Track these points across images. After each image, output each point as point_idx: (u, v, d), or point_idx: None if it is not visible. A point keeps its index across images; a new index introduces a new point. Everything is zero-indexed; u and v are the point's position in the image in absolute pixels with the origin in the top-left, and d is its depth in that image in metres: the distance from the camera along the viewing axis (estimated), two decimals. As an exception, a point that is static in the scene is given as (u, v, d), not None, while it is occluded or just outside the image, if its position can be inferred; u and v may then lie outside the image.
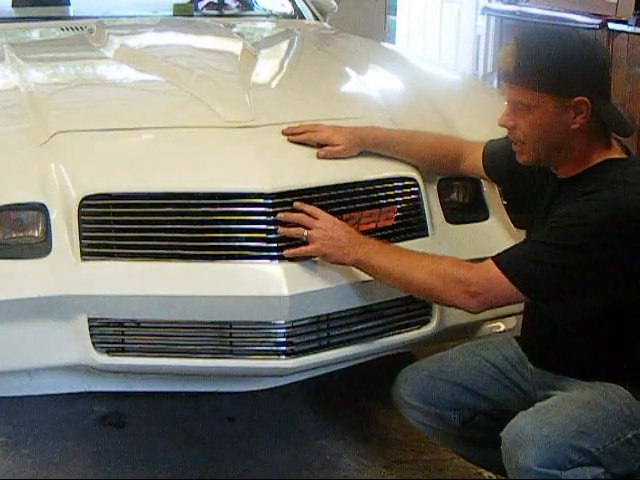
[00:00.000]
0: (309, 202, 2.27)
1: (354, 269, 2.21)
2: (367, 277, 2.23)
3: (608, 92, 1.98)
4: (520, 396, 2.17)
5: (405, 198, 2.42)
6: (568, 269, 1.90)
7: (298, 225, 2.21)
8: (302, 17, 4.23)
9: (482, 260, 2.06)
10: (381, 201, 2.38)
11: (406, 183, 2.43)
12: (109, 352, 2.27)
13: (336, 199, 2.31)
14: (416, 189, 2.43)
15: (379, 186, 2.39)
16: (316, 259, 2.22)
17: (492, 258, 2.00)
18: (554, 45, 1.94)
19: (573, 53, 1.92)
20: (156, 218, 2.25)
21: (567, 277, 1.92)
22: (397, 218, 2.39)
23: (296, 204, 2.23)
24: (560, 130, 1.95)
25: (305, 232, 2.19)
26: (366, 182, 2.38)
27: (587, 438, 1.85)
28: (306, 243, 2.19)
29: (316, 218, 2.20)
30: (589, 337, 2.04)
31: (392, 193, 2.41)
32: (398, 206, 2.40)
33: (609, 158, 1.98)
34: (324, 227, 2.19)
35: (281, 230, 2.21)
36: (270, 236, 2.23)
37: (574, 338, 2.06)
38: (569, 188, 1.99)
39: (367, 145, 2.43)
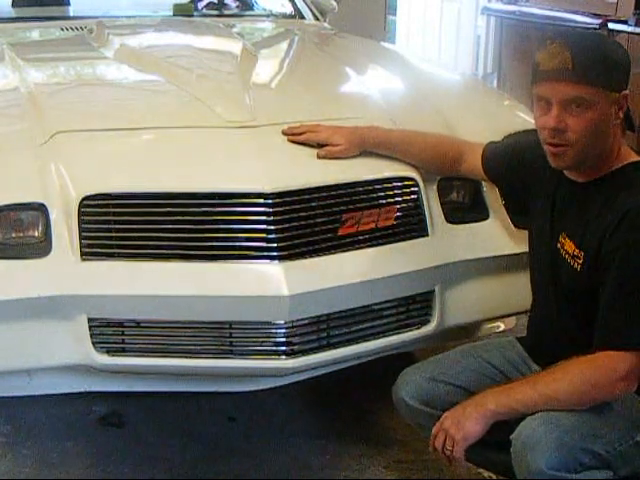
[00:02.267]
0: (309, 202, 2.28)
1: (355, 268, 2.21)
2: (368, 277, 2.23)
3: None
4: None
5: (405, 198, 2.42)
6: None
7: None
8: (302, 17, 4.23)
9: (484, 260, 2.03)
10: (381, 201, 2.38)
11: (406, 183, 2.43)
12: (109, 352, 2.27)
13: (336, 199, 2.31)
14: (416, 189, 2.43)
15: (379, 186, 2.39)
16: (316, 258, 2.23)
17: (607, 346, 1.90)
18: (598, 42, 1.96)
19: (614, 49, 1.95)
20: (156, 218, 2.25)
21: None
22: (397, 218, 2.39)
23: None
24: (608, 127, 1.94)
25: (448, 451, 2.02)
26: (366, 182, 2.38)
27: (598, 441, 1.86)
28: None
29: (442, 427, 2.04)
30: None
31: (392, 193, 2.41)
32: (398, 206, 2.40)
33: (631, 162, 1.97)
34: (450, 426, 2.00)
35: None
36: (270, 236, 2.23)
37: (582, 341, 2.04)
38: (593, 193, 1.98)
39: (367, 145, 2.43)
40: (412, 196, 2.43)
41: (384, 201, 2.39)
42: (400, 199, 2.41)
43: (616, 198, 1.92)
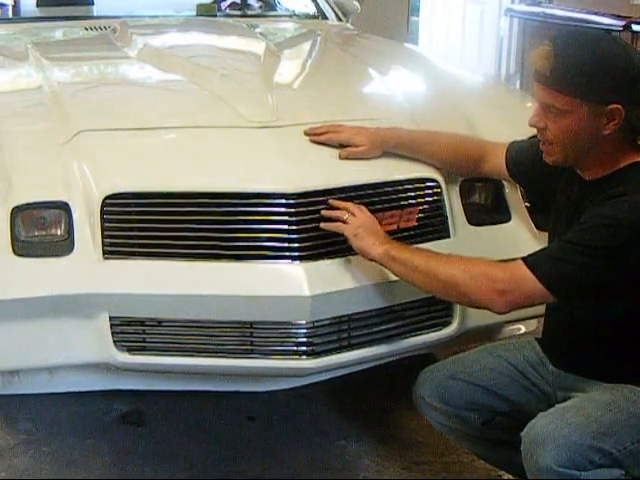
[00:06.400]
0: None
1: (376, 269, 2.21)
2: (389, 278, 2.23)
3: None
4: (540, 397, 2.16)
5: (427, 199, 2.42)
6: (596, 270, 1.89)
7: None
8: (325, 18, 4.24)
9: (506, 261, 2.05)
10: (403, 202, 2.37)
11: (428, 184, 2.42)
12: (130, 350, 2.27)
13: (358, 200, 2.30)
14: (438, 190, 2.42)
15: (401, 187, 2.39)
16: (338, 259, 2.23)
17: (522, 258, 1.98)
18: (591, 50, 1.91)
19: (609, 59, 1.89)
20: (178, 217, 2.25)
21: (594, 278, 1.90)
22: (419, 219, 2.39)
23: (332, 202, 2.25)
24: (591, 135, 1.94)
25: (346, 215, 2.21)
26: (388, 183, 2.37)
27: (607, 439, 1.85)
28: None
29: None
30: (611, 339, 2.03)
31: (414, 194, 2.40)
32: (420, 207, 2.40)
33: (637, 161, 1.96)
34: (364, 219, 2.20)
35: (324, 212, 2.24)
36: (292, 236, 2.23)
37: (596, 340, 2.05)
38: (596, 190, 1.98)
39: (389, 146, 2.42)
40: (434, 197, 2.42)
41: (406, 202, 2.38)
42: (422, 200, 2.41)
43: (614, 194, 1.93)
